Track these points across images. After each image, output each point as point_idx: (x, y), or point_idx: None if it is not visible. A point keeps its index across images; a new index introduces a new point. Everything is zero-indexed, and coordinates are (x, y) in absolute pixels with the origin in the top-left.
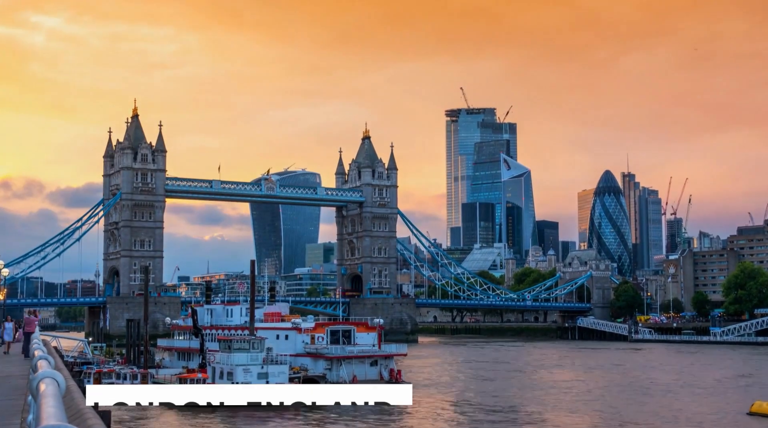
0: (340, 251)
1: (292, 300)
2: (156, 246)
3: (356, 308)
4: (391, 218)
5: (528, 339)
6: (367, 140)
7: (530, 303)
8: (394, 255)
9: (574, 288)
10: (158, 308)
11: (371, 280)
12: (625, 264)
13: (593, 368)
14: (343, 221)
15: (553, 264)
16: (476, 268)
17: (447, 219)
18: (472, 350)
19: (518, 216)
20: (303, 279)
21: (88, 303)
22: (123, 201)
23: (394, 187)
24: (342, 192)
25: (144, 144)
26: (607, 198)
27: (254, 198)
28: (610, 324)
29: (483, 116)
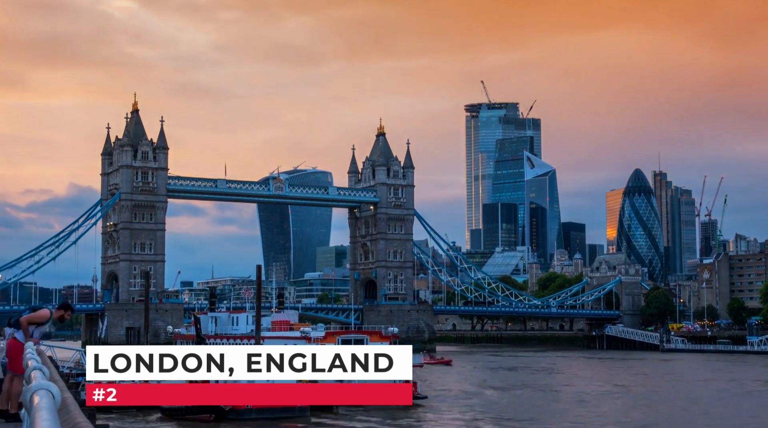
0: (353, 255)
1: (302, 307)
2: (157, 250)
3: (370, 315)
4: (407, 219)
5: (553, 349)
6: (382, 137)
7: (555, 310)
8: (411, 259)
9: (602, 294)
10: (159, 315)
11: (386, 286)
12: (656, 268)
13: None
14: (356, 223)
15: (579, 269)
16: (498, 273)
17: (467, 221)
18: (493, 360)
19: (542, 217)
20: (313, 284)
21: (85, 310)
22: (122, 201)
23: (410, 186)
24: (355, 192)
25: (144, 141)
26: (637, 198)
27: (262, 198)
28: (641, 333)
29: (505, 111)
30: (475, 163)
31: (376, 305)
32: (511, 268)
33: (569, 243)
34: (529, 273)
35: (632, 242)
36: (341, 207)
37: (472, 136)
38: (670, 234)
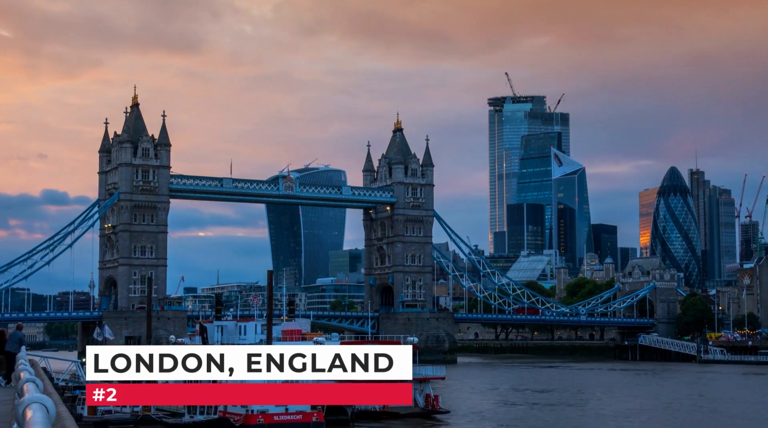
0: (368, 259)
1: (314, 314)
2: (159, 253)
3: (386, 324)
4: (426, 221)
5: (582, 359)
6: (399, 133)
7: (585, 318)
8: (430, 264)
9: (635, 301)
10: (161, 324)
11: (403, 292)
12: (693, 273)
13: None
14: (372, 225)
15: (610, 274)
16: (523, 278)
17: (490, 223)
18: (519, 372)
19: (571, 219)
20: (326, 290)
21: (82, 318)
22: (121, 201)
23: (429, 185)
24: (370, 191)
25: (145, 137)
26: (672, 198)
27: (271, 198)
28: (676, 343)
29: (531, 105)
30: (498, 160)
31: (392, 313)
32: (538, 273)
33: (600, 247)
34: (556, 279)
35: (667, 245)
36: (356, 207)
37: (496, 132)
38: (707, 236)
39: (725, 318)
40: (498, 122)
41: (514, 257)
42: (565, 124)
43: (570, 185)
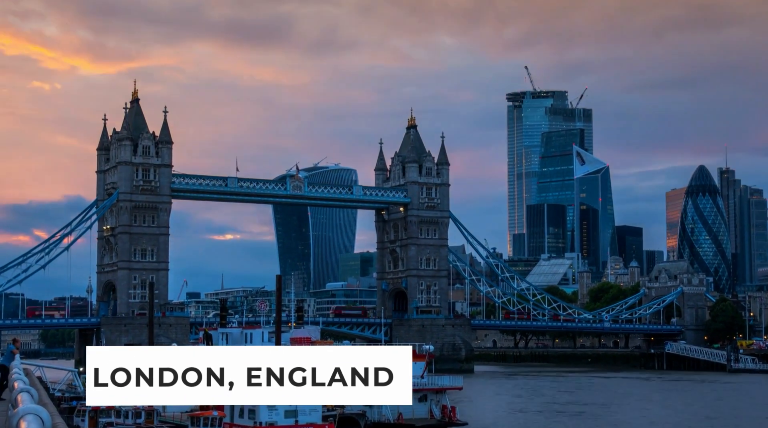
0: (381, 262)
1: (324, 321)
2: (160, 257)
3: (400, 331)
4: (441, 223)
5: (606, 368)
6: (413, 130)
7: (608, 325)
8: (446, 268)
9: (662, 307)
10: (162, 331)
11: (418, 297)
12: (722, 278)
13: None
14: (384, 226)
15: (635, 279)
16: (544, 283)
17: (509, 225)
18: (540, 381)
19: (594, 220)
20: (336, 296)
21: (79, 324)
22: (121, 202)
23: (445, 185)
24: (383, 191)
25: (146, 134)
26: (701, 198)
27: (278, 198)
28: (705, 351)
29: (552, 100)
30: (518, 158)
31: (406, 319)
32: (559, 278)
33: (624, 250)
34: (579, 284)
35: (696, 248)
36: (367, 208)
37: (515, 129)
38: (738, 238)
39: (757, 324)
40: (517, 118)
41: (534, 260)
42: (588, 120)
43: (593, 185)
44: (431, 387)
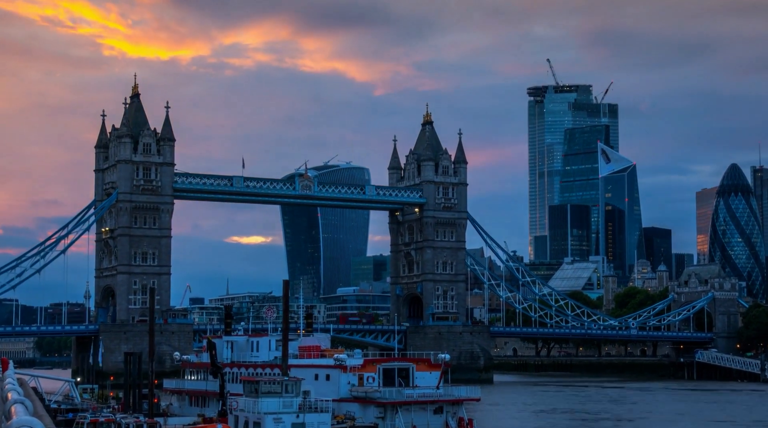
0: (395, 266)
1: (334, 328)
2: (162, 260)
3: (415, 339)
4: (459, 224)
5: (633, 379)
6: (429, 126)
7: (635, 332)
8: (463, 272)
9: (692, 313)
10: (164, 338)
11: (434, 303)
12: (756, 282)
13: (738, 420)
14: (399, 228)
15: (664, 283)
16: (567, 288)
17: (530, 226)
18: (563, 392)
19: (620, 221)
20: (348, 301)
21: (76, 332)
22: (120, 202)
23: (462, 184)
24: (397, 191)
25: (147, 131)
26: (733, 198)
27: (286, 199)
28: (737, 360)
29: (576, 95)
30: (539, 156)
31: (422, 326)
32: (583, 282)
33: (652, 253)
34: (604, 289)
35: (727, 251)
36: (381, 209)
37: (536, 125)
38: None
39: None
40: (538, 114)
41: (556, 264)
42: (613, 116)
43: (619, 184)
44: (447, 398)
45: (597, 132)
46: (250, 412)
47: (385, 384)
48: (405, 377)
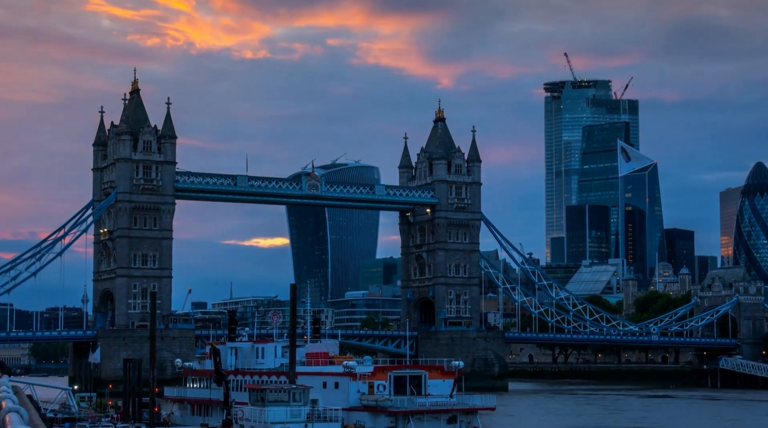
0: (406, 269)
1: (343, 334)
2: (163, 263)
3: (426, 345)
4: (472, 226)
5: (654, 386)
6: (441, 123)
7: (656, 338)
8: (477, 275)
9: (715, 318)
10: (165, 344)
11: (446, 308)
12: None
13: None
14: (410, 230)
15: (686, 287)
16: (585, 292)
17: (546, 227)
18: (581, 401)
19: (641, 223)
20: (357, 306)
21: (73, 338)
22: (119, 203)
23: (476, 184)
24: (408, 191)
25: (147, 128)
26: (759, 198)
27: (292, 199)
28: (763, 367)
29: (594, 91)
30: (556, 154)
31: (433, 332)
32: (602, 286)
33: (674, 255)
34: (624, 293)
35: (753, 253)
36: (391, 210)
37: (553, 122)
38: None
39: None
40: (555, 110)
41: (574, 267)
42: (633, 113)
43: (640, 183)
44: (461, 407)
45: (616, 129)
46: (256, 422)
47: (397, 392)
48: (417, 385)
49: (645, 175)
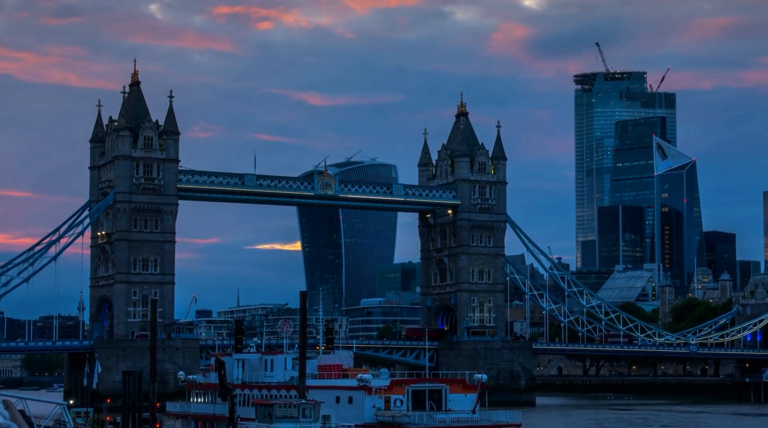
0: (425, 275)
1: (357, 345)
2: (165, 268)
3: (448, 356)
4: (497, 228)
5: (692, 401)
6: (464, 118)
7: (695, 349)
8: (502, 281)
9: (759, 327)
10: (167, 356)
11: (469, 316)
12: None
13: None
14: (430, 232)
15: (727, 294)
16: (618, 299)
17: (576, 230)
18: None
19: (678, 225)
20: (373, 314)
21: (69, 348)
22: (118, 203)
23: (501, 183)
24: (428, 191)
25: (148, 123)
26: None
27: (304, 199)
28: None
29: (628, 83)
30: (587, 152)
31: (455, 342)
32: (637, 293)
33: (714, 260)
34: (660, 300)
35: None
36: (409, 211)
37: (584, 117)
38: None
39: None
40: (586, 104)
41: (606, 272)
42: (670, 107)
43: (677, 183)
44: (484, 423)
45: (652, 124)
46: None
47: (415, 407)
48: (437, 400)
49: (683, 173)
